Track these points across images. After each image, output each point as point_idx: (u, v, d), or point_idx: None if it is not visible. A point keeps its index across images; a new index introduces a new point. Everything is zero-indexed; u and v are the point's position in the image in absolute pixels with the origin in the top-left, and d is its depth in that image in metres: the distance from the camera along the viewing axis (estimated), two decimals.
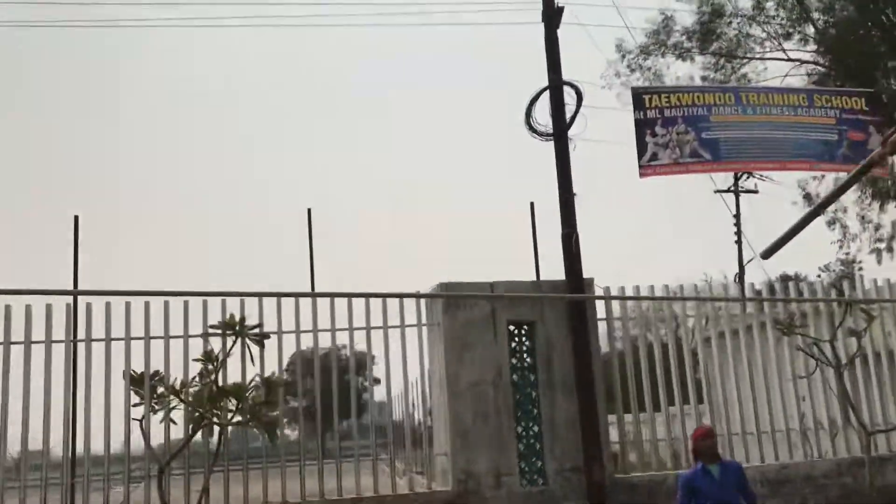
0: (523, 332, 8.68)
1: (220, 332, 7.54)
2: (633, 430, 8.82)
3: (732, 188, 28.66)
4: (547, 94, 8.90)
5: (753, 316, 9.73)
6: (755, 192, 28.35)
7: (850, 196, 25.23)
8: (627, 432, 8.88)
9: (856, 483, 8.66)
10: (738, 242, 28.83)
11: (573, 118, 8.71)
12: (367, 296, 7.98)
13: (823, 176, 24.29)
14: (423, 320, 8.58)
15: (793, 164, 9.30)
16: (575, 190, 8.60)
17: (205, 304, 8.03)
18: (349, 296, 8.23)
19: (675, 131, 8.76)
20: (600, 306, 8.86)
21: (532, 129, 8.86)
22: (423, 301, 8.67)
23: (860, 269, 46.19)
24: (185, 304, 8.07)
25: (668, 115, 8.85)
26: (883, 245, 25.10)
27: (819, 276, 32.62)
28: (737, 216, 28.87)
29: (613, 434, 8.87)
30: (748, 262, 28.41)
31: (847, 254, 40.52)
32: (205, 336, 7.90)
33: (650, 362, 9.06)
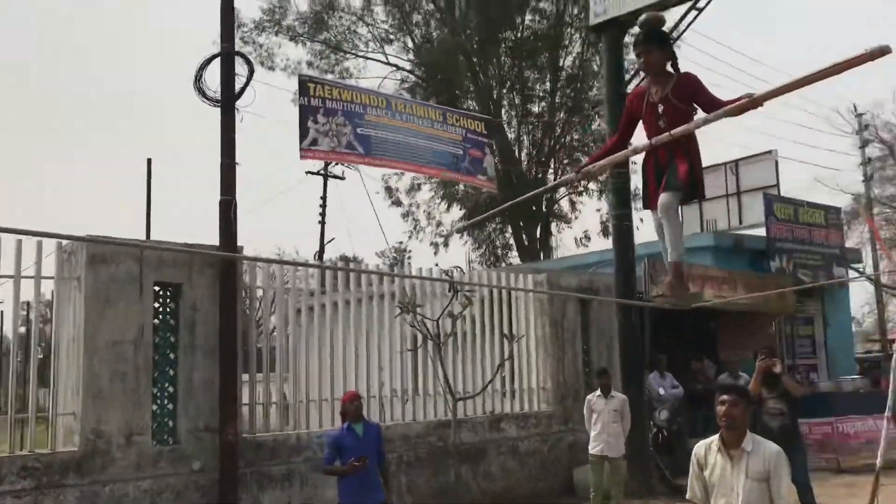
0: (169, 293, 8.66)
1: None
2: (264, 392, 9.36)
3: (322, 171, 30.34)
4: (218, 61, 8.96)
5: (339, 294, 10.84)
6: (342, 178, 30.41)
7: (425, 195, 28.74)
8: (255, 395, 9.40)
9: (441, 441, 10.34)
10: (322, 223, 30.68)
11: (243, 89, 8.92)
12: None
13: (403, 174, 27.29)
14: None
15: (427, 169, 10.69)
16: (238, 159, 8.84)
17: None
18: None
19: (334, 122, 9.50)
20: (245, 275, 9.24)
21: (202, 94, 8.85)
22: (64, 254, 8.18)
23: (409, 256, 52.15)
24: None
25: (329, 105, 9.53)
26: (441, 240, 29.09)
27: (385, 260, 36.27)
28: (323, 198, 30.68)
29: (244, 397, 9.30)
30: (329, 241, 30.51)
31: (400, 243, 45.81)
32: None
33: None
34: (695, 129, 4.26)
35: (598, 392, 9.64)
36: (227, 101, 8.85)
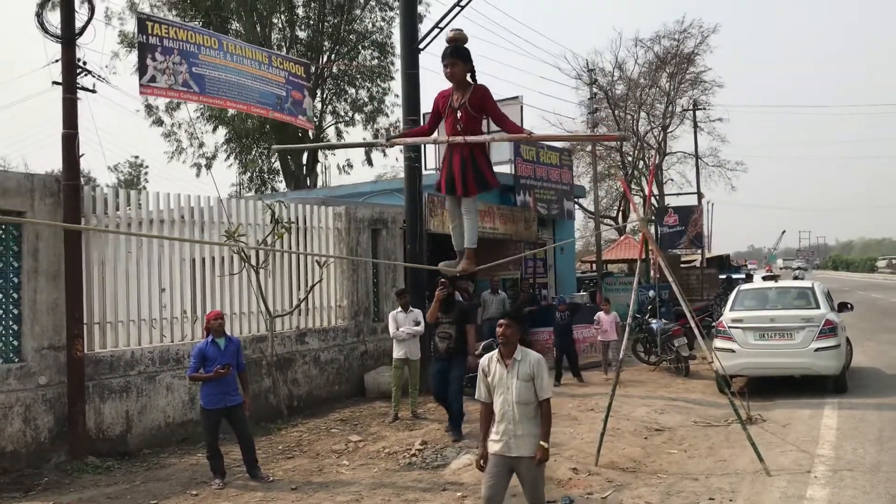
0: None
1: None
2: (98, 312, 10.02)
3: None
4: None
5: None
6: (93, 91, 28.83)
7: (184, 114, 28.29)
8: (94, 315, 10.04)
9: (258, 353, 11.64)
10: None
11: (84, 27, 9.24)
12: None
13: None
14: None
15: (256, 109, 11.47)
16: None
17: None
18: None
19: (171, 60, 10.02)
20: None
21: (44, 30, 9.03)
22: None
23: (146, 171, 50.73)
24: None
25: (166, 44, 10.00)
26: (204, 161, 28.99)
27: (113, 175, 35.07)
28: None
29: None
30: (81, 155, 29.04)
31: (136, 157, 45.39)
32: None
33: None
34: (484, 141, 5.46)
35: (399, 309, 11.48)
36: (68, 38, 9.16)
